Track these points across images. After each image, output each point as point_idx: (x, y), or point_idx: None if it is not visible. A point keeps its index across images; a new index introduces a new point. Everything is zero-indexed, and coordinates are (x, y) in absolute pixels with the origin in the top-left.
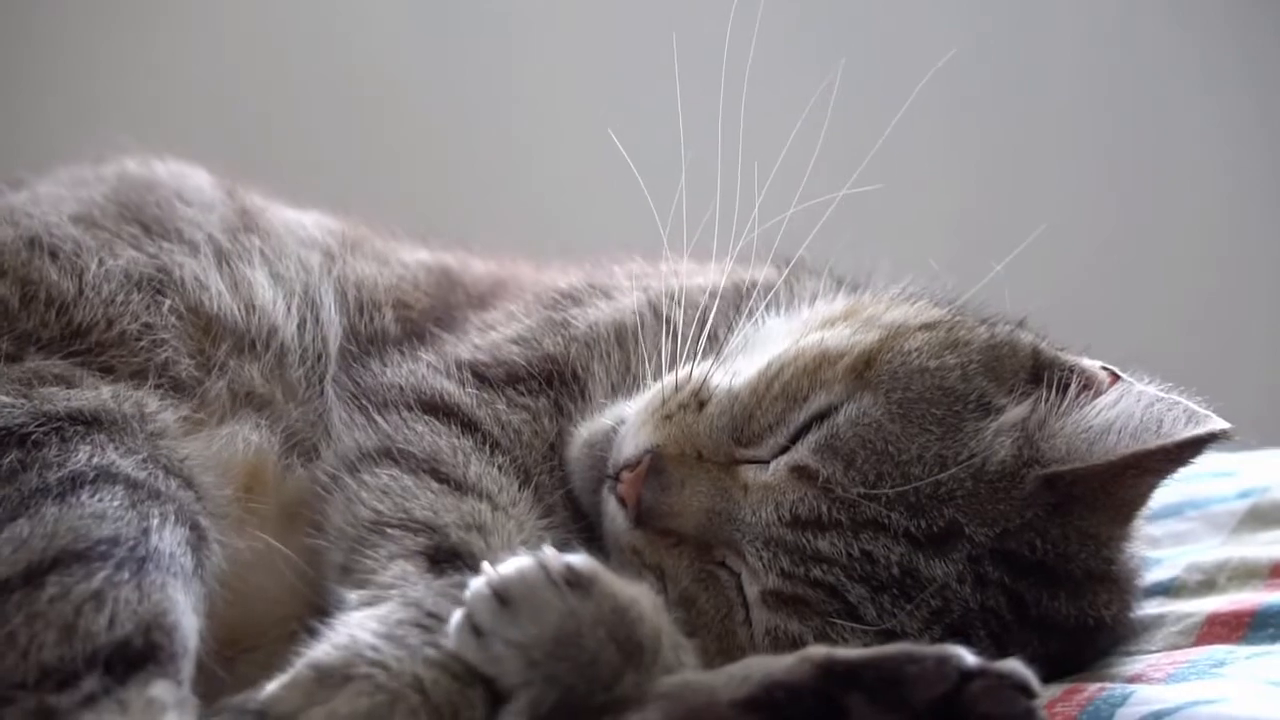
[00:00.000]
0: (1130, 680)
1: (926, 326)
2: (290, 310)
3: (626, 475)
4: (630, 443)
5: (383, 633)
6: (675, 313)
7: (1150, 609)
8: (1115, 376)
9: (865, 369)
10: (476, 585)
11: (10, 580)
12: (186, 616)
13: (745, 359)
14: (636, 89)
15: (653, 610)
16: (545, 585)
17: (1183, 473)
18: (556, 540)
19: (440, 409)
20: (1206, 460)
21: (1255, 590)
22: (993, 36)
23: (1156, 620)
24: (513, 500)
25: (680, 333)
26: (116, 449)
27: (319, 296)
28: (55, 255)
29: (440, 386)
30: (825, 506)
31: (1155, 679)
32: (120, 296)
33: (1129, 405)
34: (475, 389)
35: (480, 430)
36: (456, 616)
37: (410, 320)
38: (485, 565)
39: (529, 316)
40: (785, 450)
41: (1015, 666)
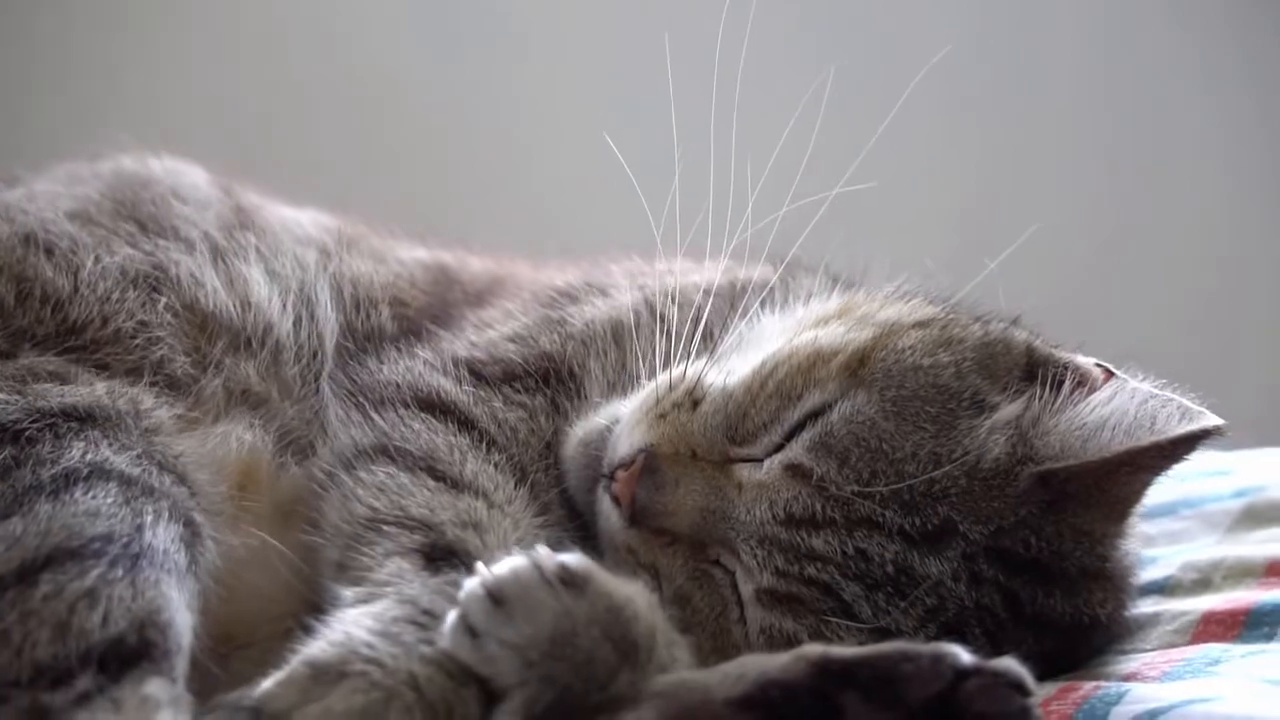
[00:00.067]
0: (1125, 678)
1: (920, 324)
2: (286, 307)
3: (621, 474)
4: (625, 442)
5: (378, 630)
6: (670, 310)
7: (1145, 607)
8: (1109, 373)
9: (859, 367)
10: (471, 586)
11: (4, 578)
12: (180, 614)
13: (740, 357)
14: (632, 89)
15: (647, 609)
16: (540, 585)
17: (1178, 471)
18: (552, 538)
19: (437, 406)
20: (1202, 459)
21: (1250, 589)
22: (989, 33)
23: (1152, 619)
24: (509, 498)
25: (675, 331)
26: (110, 445)
27: (315, 294)
28: (51, 252)
29: (437, 384)
30: (819, 505)
31: (1150, 677)
32: (116, 293)
33: (1123, 402)
34: (472, 387)
35: (477, 428)
36: (451, 617)
37: (407, 318)
38: (479, 565)
39: (526, 315)
40: (779, 448)
41: (1010, 665)
